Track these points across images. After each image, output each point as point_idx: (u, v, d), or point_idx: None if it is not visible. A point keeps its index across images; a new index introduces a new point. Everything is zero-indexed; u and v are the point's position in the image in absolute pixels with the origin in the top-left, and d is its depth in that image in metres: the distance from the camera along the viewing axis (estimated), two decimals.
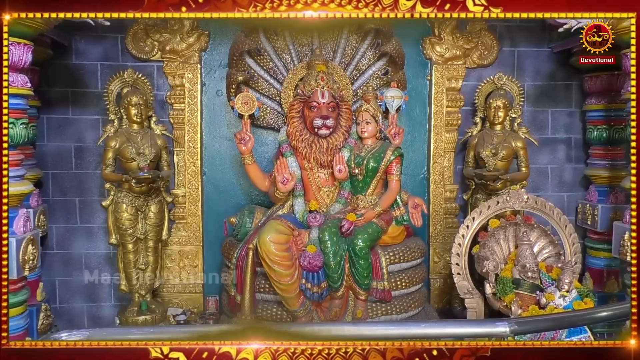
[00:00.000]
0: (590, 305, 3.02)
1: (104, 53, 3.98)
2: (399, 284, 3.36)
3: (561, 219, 3.44)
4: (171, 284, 4.05)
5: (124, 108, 3.69)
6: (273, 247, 3.09)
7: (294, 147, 3.49)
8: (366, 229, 3.23)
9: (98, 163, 3.95)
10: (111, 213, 3.72)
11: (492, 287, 3.25)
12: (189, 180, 4.02)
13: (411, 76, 4.04)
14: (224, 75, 3.87)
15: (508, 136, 3.95)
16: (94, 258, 4.08)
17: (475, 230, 3.44)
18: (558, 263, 3.27)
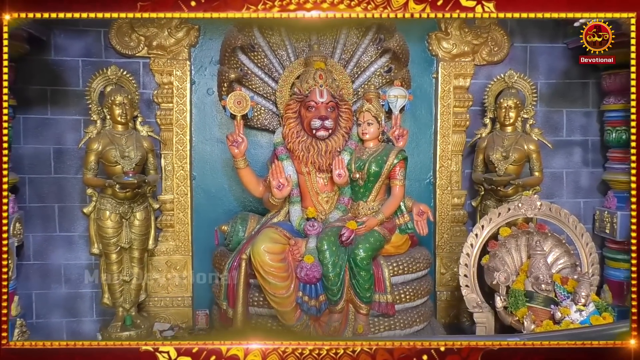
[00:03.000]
0: (610, 321, 3.03)
1: (86, 48, 3.99)
2: (403, 297, 3.37)
3: (577, 227, 3.45)
4: (158, 297, 4.05)
5: (107, 108, 3.71)
6: (267, 258, 3.10)
7: (290, 149, 3.50)
8: (368, 238, 3.24)
9: (79, 167, 3.96)
10: (93, 221, 3.73)
11: (503, 300, 3.26)
12: (177, 186, 4.04)
13: (416, 74, 4.05)
14: (215, 72, 3.88)
15: (520, 138, 3.98)
16: (75, 269, 4.08)
17: (484, 240, 3.45)
18: (574, 274, 3.28)
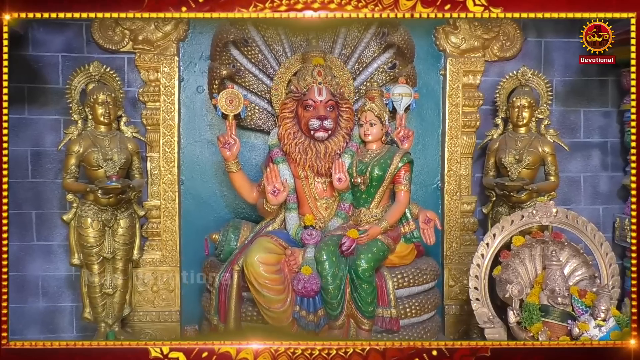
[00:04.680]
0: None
1: (67, 43, 3.99)
2: (409, 311, 3.37)
3: (596, 236, 3.45)
4: (143, 312, 4.04)
5: (89, 107, 3.71)
6: (262, 269, 3.10)
7: (286, 152, 3.50)
8: (370, 247, 3.24)
9: (59, 170, 3.95)
10: (74, 229, 3.72)
11: (516, 315, 3.25)
12: (165, 191, 4.03)
13: (422, 70, 4.06)
14: (206, 69, 3.88)
15: (534, 140, 3.98)
16: (53, 281, 4.08)
17: (496, 249, 3.45)
18: (593, 287, 3.27)
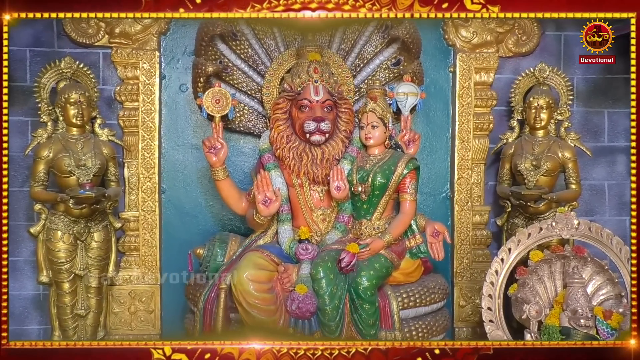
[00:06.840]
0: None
1: (35, 36, 3.99)
2: (415, 334, 3.35)
3: (622, 251, 3.45)
4: (119, 335, 4.02)
5: (60, 107, 3.71)
6: (252, 287, 3.09)
7: (279, 157, 3.51)
8: (372, 263, 3.24)
9: (26, 178, 3.94)
10: (42, 243, 3.72)
11: (534, 338, 3.25)
12: (144, 201, 4.03)
13: (429, 67, 4.08)
14: (190, 65, 3.90)
15: (553, 144, 3.99)
16: (18, 301, 4.04)
17: (512, 266, 3.45)
18: (619, 307, 3.27)
